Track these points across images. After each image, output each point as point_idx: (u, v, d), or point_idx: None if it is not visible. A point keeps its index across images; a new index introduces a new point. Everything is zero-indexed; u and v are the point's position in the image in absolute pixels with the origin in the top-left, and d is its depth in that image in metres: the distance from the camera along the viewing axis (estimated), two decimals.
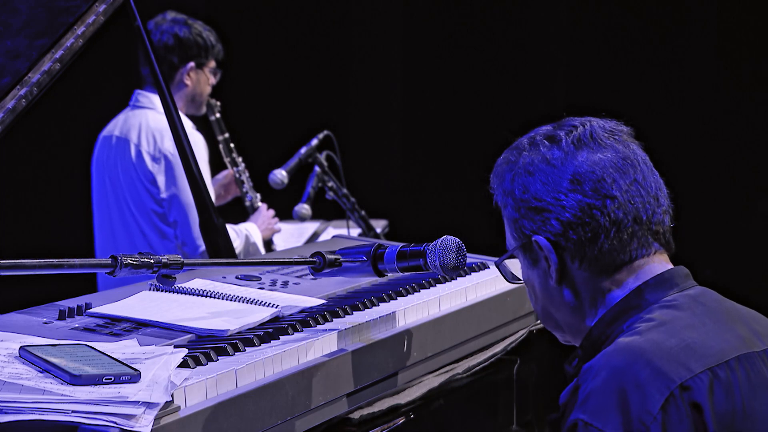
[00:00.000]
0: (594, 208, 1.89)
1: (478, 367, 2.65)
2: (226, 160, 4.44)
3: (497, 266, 2.06)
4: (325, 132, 4.36)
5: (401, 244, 2.20)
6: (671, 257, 1.99)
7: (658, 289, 1.91)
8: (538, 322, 2.80)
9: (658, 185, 1.95)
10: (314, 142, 4.32)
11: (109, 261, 1.85)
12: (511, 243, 2.01)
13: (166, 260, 1.91)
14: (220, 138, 4.44)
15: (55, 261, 1.75)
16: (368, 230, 4.35)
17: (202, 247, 3.81)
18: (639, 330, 1.85)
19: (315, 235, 4.66)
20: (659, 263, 1.94)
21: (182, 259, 1.93)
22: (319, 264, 2.19)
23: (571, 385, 1.88)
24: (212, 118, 4.41)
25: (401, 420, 2.45)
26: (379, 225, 4.66)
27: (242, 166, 4.44)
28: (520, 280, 2.05)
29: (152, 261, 1.89)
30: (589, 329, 1.95)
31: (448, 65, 6.05)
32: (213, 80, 4.26)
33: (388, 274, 2.23)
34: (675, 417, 1.74)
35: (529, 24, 5.90)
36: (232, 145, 4.45)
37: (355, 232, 4.36)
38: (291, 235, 4.69)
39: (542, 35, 5.88)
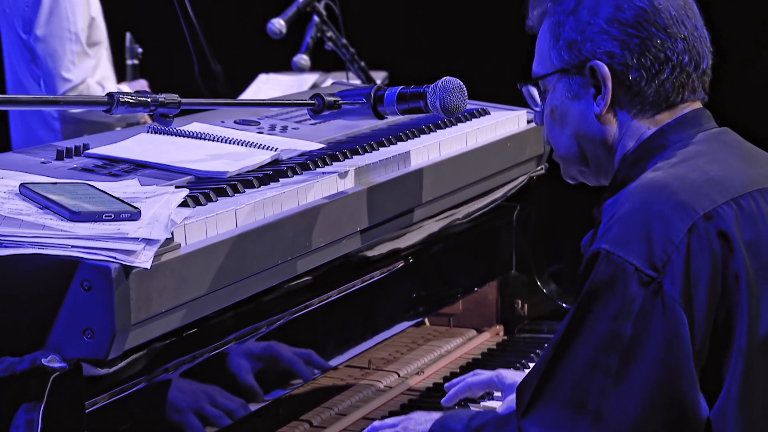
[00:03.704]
0: (666, 47, 1.91)
1: (477, 213, 2.66)
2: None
3: (521, 88, 2.05)
4: None
5: (401, 87, 2.18)
6: None
7: (680, 129, 1.93)
8: (539, 168, 2.81)
9: (707, 35, 1.98)
10: None
11: (105, 98, 1.83)
12: (550, 66, 1.99)
13: (163, 99, 1.89)
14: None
15: (50, 97, 1.74)
16: (368, 81, 4.31)
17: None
18: (661, 167, 1.88)
19: (314, 87, 4.63)
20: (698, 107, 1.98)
21: (179, 99, 1.91)
22: (318, 106, 2.17)
23: (592, 231, 1.90)
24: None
25: (400, 264, 2.47)
26: (378, 76, 4.62)
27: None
28: (539, 107, 2.04)
29: (149, 100, 1.87)
30: (614, 173, 1.96)
31: None
32: None
33: (388, 117, 2.22)
34: (697, 246, 1.76)
35: None
36: None
37: (355, 83, 4.33)
38: (290, 87, 4.67)
39: None
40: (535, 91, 2.05)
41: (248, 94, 4.81)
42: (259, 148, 2.21)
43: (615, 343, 1.76)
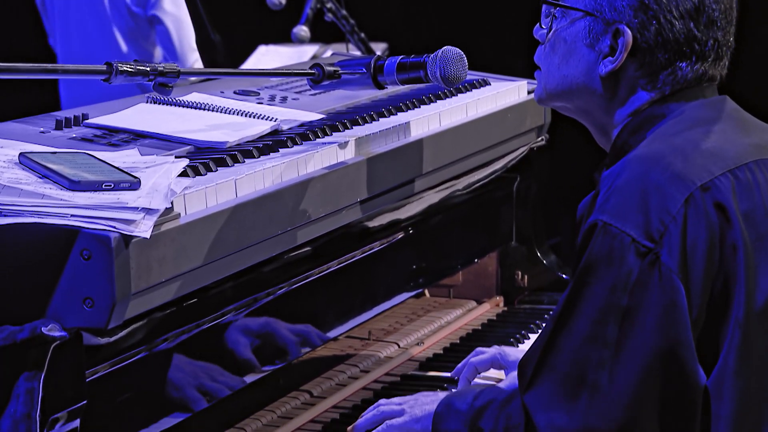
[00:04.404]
0: (697, 43, 1.89)
1: (478, 184, 2.65)
2: None
3: (543, 3, 1.97)
4: None
5: (401, 56, 2.17)
6: None
7: (681, 99, 1.91)
8: (539, 139, 2.81)
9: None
10: None
11: (104, 67, 1.83)
12: (580, 1, 1.92)
13: (162, 68, 1.88)
14: None
15: (49, 66, 1.74)
16: (368, 53, 4.30)
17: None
18: (659, 137, 1.86)
19: (314, 58, 4.61)
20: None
21: (179, 68, 1.90)
22: (318, 76, 2.16)
23: (591, 194, 1.89)
24: None
25: (400, 235, 2.47)
26: (378, 48, 4.61)
27: None
28: (545, 29, 1.98)
29: (148, 69, 1.87)
30: (613, 140, 1.95)
31: None
32: None
33: (388, 88, 2.21)
34: (694, 217, 1.76)
35: None
36: None
37: (355, 54, 4.31)
38: (290, 58, 4.66)
39: None
40: (551, 9, 1.97)
41: (248, 66, 4.80)
42: (258, 118, 2.21)
43: (613, 314, 1.75)
